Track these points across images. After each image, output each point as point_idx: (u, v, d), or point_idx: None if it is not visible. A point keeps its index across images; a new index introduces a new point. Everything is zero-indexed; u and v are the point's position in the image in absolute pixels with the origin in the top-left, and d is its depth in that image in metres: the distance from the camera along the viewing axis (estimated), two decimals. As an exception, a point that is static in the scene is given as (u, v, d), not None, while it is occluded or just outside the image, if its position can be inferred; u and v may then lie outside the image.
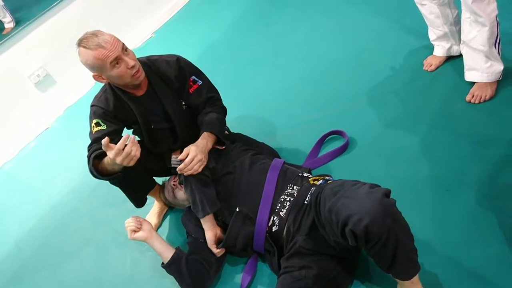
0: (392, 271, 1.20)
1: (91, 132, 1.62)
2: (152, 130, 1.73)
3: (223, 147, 1.72)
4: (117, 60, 1.48)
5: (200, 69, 1.76)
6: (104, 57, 1.46)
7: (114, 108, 1.64)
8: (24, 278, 2.15)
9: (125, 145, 1.33)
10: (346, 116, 2.06)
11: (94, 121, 1.62)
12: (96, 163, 1.53)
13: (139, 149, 1.38)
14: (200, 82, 1.70)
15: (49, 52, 3.35)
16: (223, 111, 1.79)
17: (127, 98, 1.64)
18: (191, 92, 1.70)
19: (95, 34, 1.48)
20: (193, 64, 1.74)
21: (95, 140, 1.57)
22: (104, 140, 1.33)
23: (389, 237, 1.10)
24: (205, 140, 1.61)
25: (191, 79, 1.69)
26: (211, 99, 1.75)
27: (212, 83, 1.80)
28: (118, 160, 1.34)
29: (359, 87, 2.18)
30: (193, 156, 1.51)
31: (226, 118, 1.80)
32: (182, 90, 1.70)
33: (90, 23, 3.44)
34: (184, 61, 1.71)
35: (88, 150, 1.58)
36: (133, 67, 1.51)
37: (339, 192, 1.20)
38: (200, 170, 1.54)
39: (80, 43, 1.48)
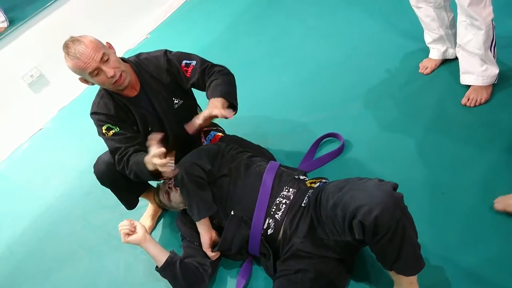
0: (396, 266, 1.18)
1: (105, 137, 1.62)
2: (149, 132, 1.71)
3: (234, 112, 1.64)
4: (96, 71, 1.48)
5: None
6: (81, 68, 1.47)
7: (115, 112, 1.63)
8: (16, 282, 2.12)
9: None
10: (342, 118, 2.06)
11: (104, 127, 1.62)
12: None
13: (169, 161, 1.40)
14: (193, 63, 1.67)
15: (43, 52, 3.32)
16: (222, 74, 1.67)
17: (123, 99, 1.63)
18: (188, 76, 1.67)
19: (76, 40, 1.47)
20: (179, 52, 1.72)
21: (120, 141, 1.59)
22: (154, 136, 1.39)
23: (397, 229, 1.10)
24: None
25: (182, 64, 1.67)
26: (205, 70, 1.66)
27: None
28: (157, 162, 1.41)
29: (355, 89, 2.18)
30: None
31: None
32: (178, 80, 1.68)
33: (85, 23, 3.45)
34: (171, 53, 1.71)
35: (119, 154, 1.58)
36: (112, 77, 1.50)
37: (345, 187, 1.20)
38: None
39: (64, 47, 1.48)
